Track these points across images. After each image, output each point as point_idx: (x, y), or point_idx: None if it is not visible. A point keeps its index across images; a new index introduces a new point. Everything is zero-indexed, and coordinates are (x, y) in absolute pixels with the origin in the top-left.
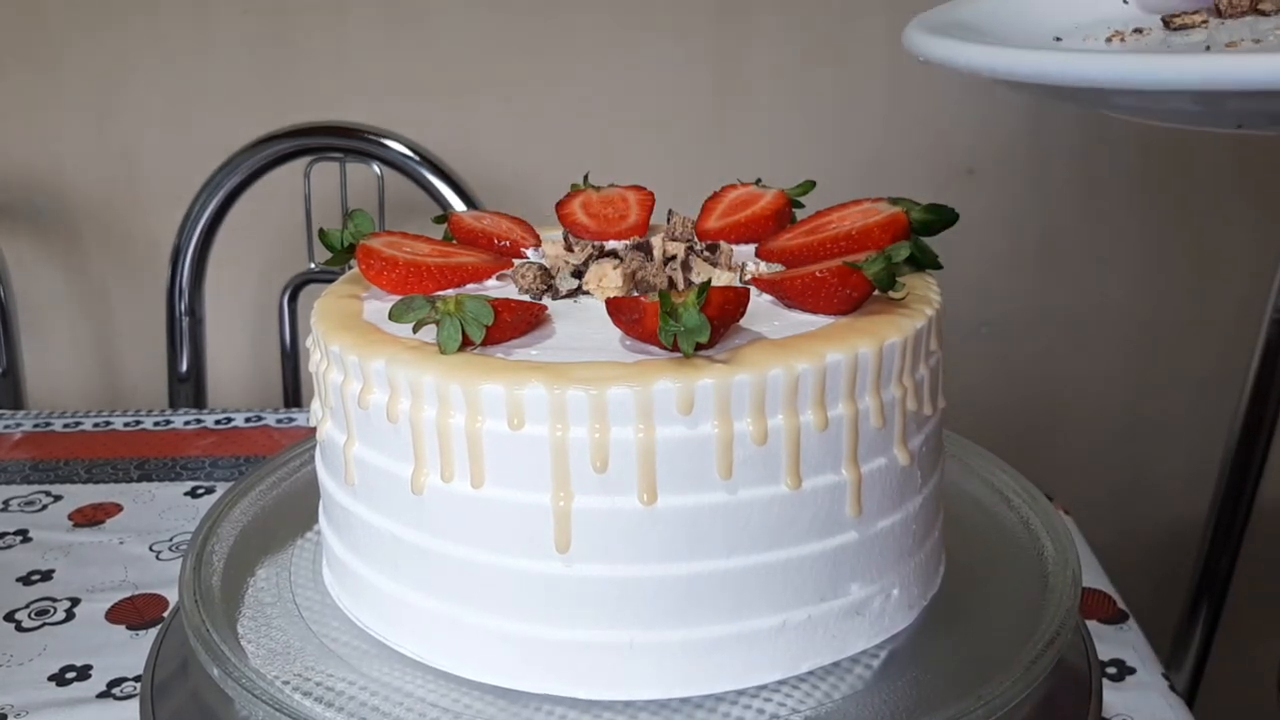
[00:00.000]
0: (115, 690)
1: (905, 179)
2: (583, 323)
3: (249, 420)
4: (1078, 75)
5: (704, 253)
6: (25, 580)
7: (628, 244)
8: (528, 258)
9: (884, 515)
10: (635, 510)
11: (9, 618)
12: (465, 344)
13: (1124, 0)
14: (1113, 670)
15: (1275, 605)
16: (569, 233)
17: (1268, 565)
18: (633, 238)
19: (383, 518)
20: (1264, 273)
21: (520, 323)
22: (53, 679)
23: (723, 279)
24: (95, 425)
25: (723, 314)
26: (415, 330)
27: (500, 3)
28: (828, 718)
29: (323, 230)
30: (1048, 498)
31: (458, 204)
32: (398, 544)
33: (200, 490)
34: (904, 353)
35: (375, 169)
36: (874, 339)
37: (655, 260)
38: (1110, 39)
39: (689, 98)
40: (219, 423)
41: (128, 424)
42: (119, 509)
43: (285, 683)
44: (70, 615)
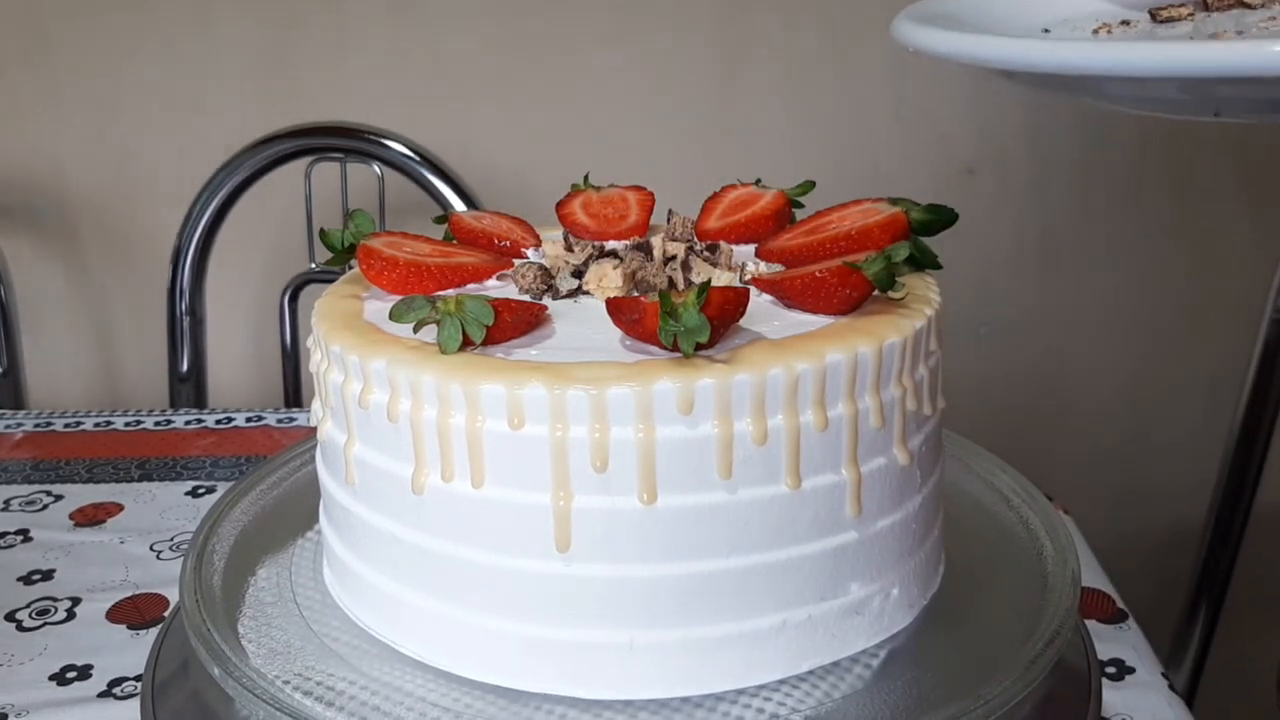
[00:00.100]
0: (116, 690)
1: (905, 179)
2: (583, 323)
3: (250, 420)
4: (1060, 63)
5: (704, 253)
6: (26, 580)
7: (628, 244)
8: (528, 258)
9: (884, 515)
10: (635, 510)
11: (10, 617)
12: (466, 344)
13: None
14: (1112, 670)
15: (1275, 605)
16: (569, 233)
17: (1267, 565)
18: (633, 238)
19: (383, 517)
20: (1263, 273)
21: (520, 323)
22: (53, 678)
23: (723, 279)
24: (96, 425)
25: (723, 314)
26: (416, 330)
27: (500, 3)
28: (828, 717)
29: (323, 230)
30: (1047, 498)
31: (458, 204)
32: (398, 544)
33: (201, 490)
34: (904, 353)
35: (376, 169)
36: (874, 339)
37: (655, 260)
38: (1097, 30)
39: (689, 98)
40: (220, 422)
41: (128, 424)
42: (120, 509)
43: (286, 682)
44: (71, 615)
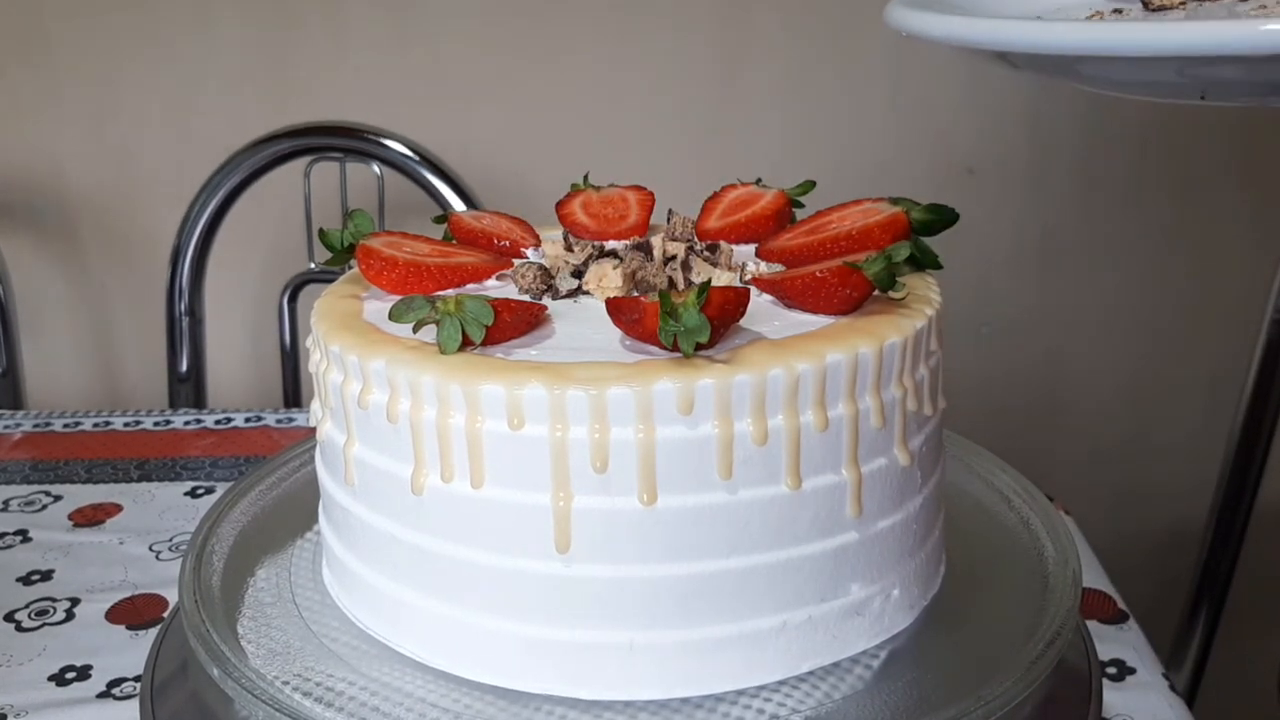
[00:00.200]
0: (115, 690)
1: (905, 179)
2: (583, 323)
3: (249, 420)
4: (1055, 43)
5: (704, 253)
6: (25, 580)
7: (628, 244)
8: (528, 258)
9: (884, 515)
10: (635, 510)
11: (9, 618)
12: (465, 344)
13: None
14: (1113, 670)
15: (1276, 605)
16: (569, 233)
17: (1268, 565)
18: (633, 238)
19: (382, 518)
20: (1263, 273)
21: (520, 323)
22: (52, 679)
23: (723, 279)
24: (95, 425)
25: (723, 314)
26: (415, 330)
27: (501, 3)
28: (828, 718)
29: (323, 230)
30: (1048, 498)
31: (458, 204)
32: (397, 544)
33: (200, 490)
34: (904, 353)
35: (375, 169)
36: (874, 339)
37: (655, 260)
38: (1090, 17)
39: (689, 97)
40: (219, 423)
41: (127, 424)
42: (119, 509)
43: (285, 683)
44: (70, 615)
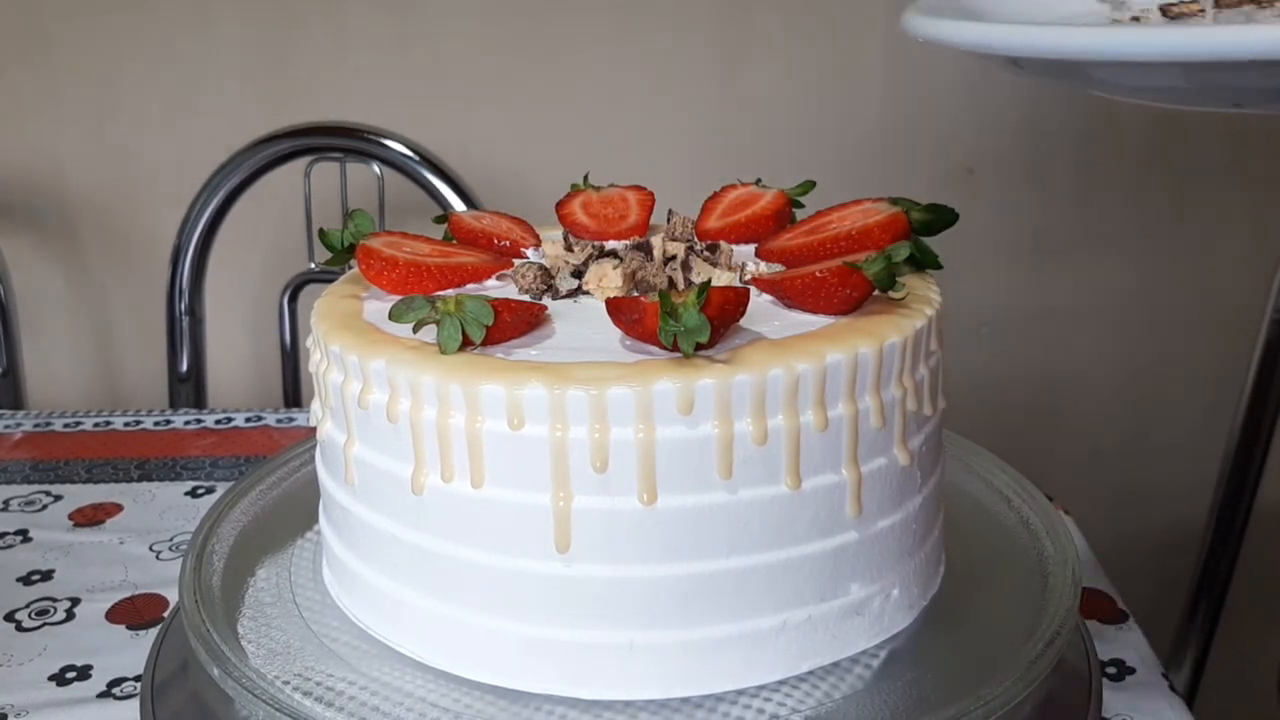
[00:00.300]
0: (115, 690)
1: (905, 179)
2: (583, 323)
3: (249, 420)
4: (1078, 48)
5: (704, 253)
6: (25, 580)
7: (628, 244)
8: (528, 258)
9: (884, 515)
10: (635, 510)
11: (9, 618)
12: (465, 344)
13: None
14: (1113, 670)
15: (1275, 605)
16: (569, 233)
17: (1268, 565)
18: (633, 238)
19: (383, 518)
20: (1263, 273)
21: (520, 323)
22: (53, 679)
23: (723, 279)
24: (95, 425)
25: (723, 314)
26: (415, 330)
27: (500, 3)
28: (828, 717)
29: (323, 230)
30: (1048, 498)
31: (458, 204)
32: (398, 544)
33: (200, 490)
34: (904, 353)
35: (375, 169)
36: (874, 339)
37: (655, 260)
38: (1114, 24)
39: (689, 97)
40: (219, 423)
41: (128, 424)
42: (119, 509)
43: (285, 682)
44: (70, 615)
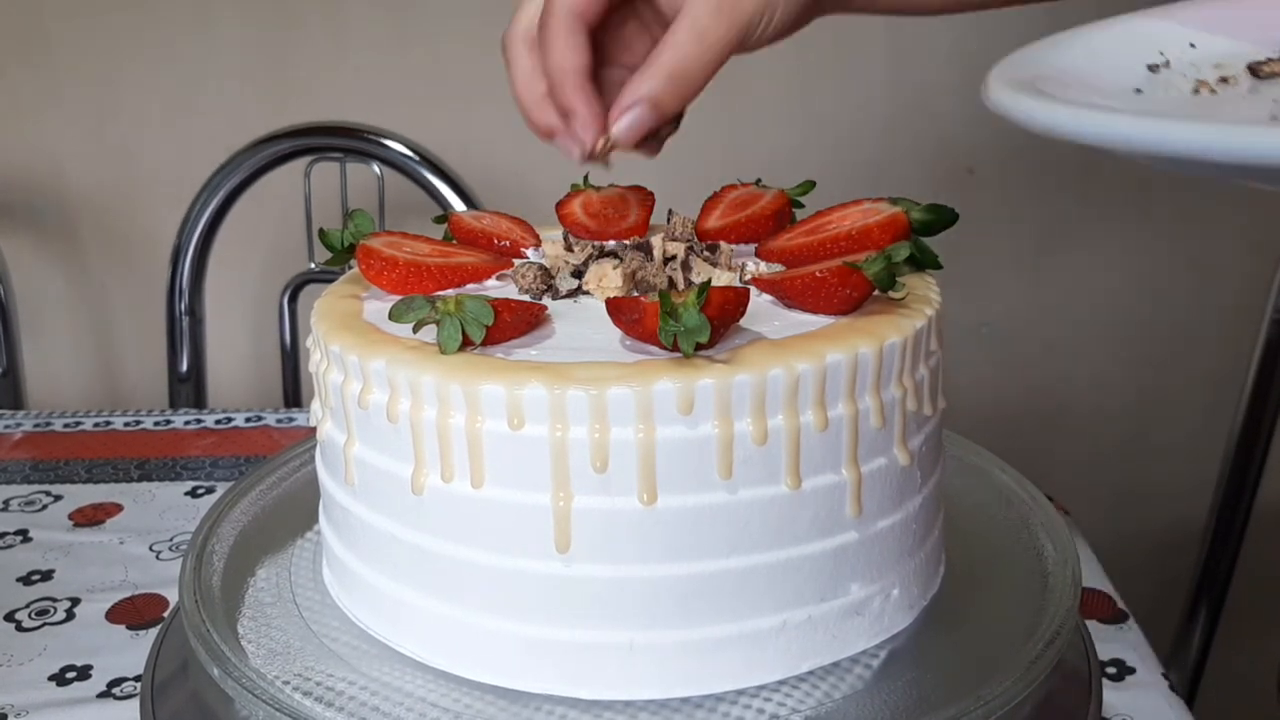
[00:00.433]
0: (115, 690)
1: (905, 179)
2: (583, 323)
3: (249, 420)
4: (1157, 141)
5: (704, 253)
6: (25, 580)
7: (628, 244)
8: (528, 258)
9: (884, 515)
10: (635, 510)
11: (9, 618)
12: (465, 344)
13: (1191, 45)
14: (1113, 670)
15: (1275, 605)
16: (569, 233)
17: (1268, 565)
18: (633, 238)
19: (383, 518)
20: (1263, 273)
21: (520, 323)
22: (53, 679)
23: (723, 279)
24: (95, 425)
25: (723, 314)
26: (415, 330)
27: (501, 3)
28: (828, 717)
29: (323, 230)
30: (1048, 498)
31: (458, 204)
32: (398, 544)
33: (200, 490)
34: (904, 353)
35: (375, 169)
36: (874, 339)
37: (655, 260)
38: (1197, 90)
39: None
40: (219, 423)
41: (128, 424)
42: (119, 509)
43: (285, 682)
44: (70, 615)
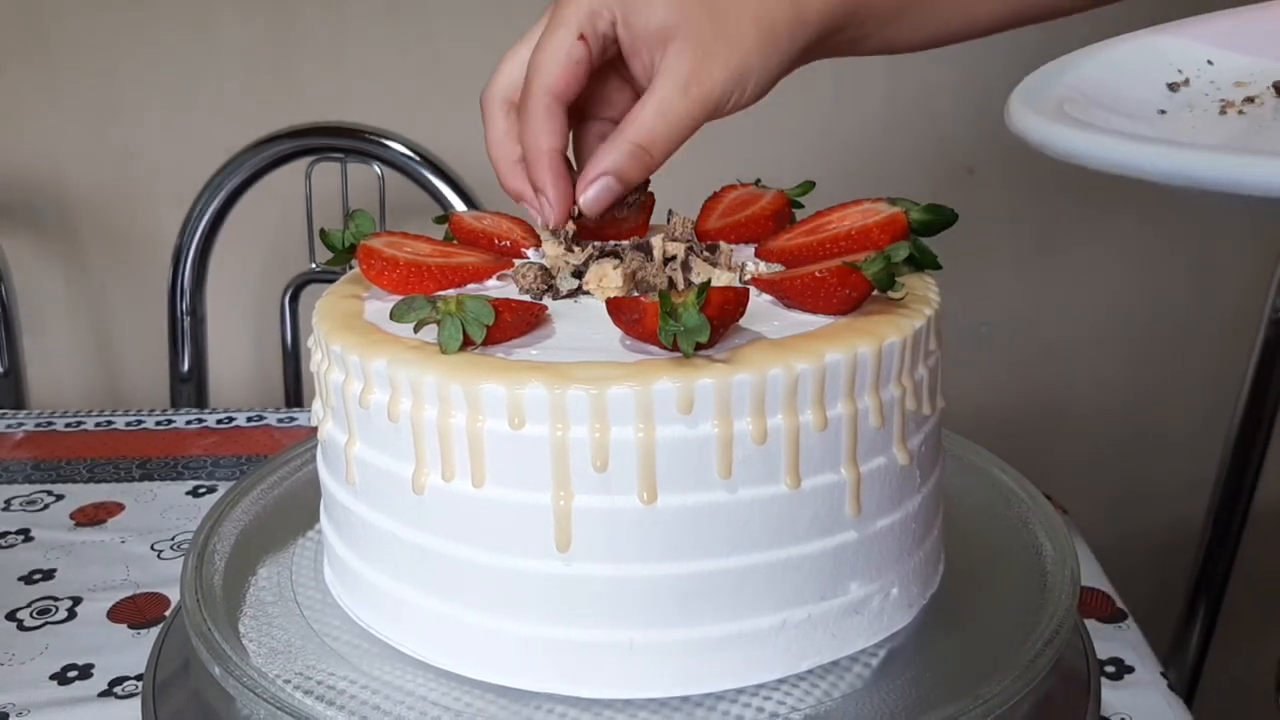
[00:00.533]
0: (117, 689)
1: (905, 179)
2: (583, 323)
3: (250, 420)
4: (1179, 173)
5: (704, 253)
6: (27, 579)
7: (628, 244)
8: (528, 258)
9: (883, 514)
10: (635, 510)
11: (11, 617)
12: (466, 344)
13: (1209, 62)
14: (1111, 669)
15: (1274, 604)
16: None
17: (1266, 565)
18: (633, 238)
19: (384, 517)
20: (1263, 273)
21: (520, 323)
22: (54, 678)
23: (723, 279)
24: (97, 425)
25: (723, 314)
26: (416, 330)
27: (500, 3)
28: (827, 716)
29: (324, 230)
30: (1047, 498)
31: (458, 204)
32: (398, 543)
33: (202, 489)
34: (903, 352)
35: (376, 169)
36: (873, 339)
37: (655, 260)
38: (1224, 110)
39: None
40: (220, 422)
41: (129, 423)
42: (121, 508)
43: (287, 681)
44: (72, 614)
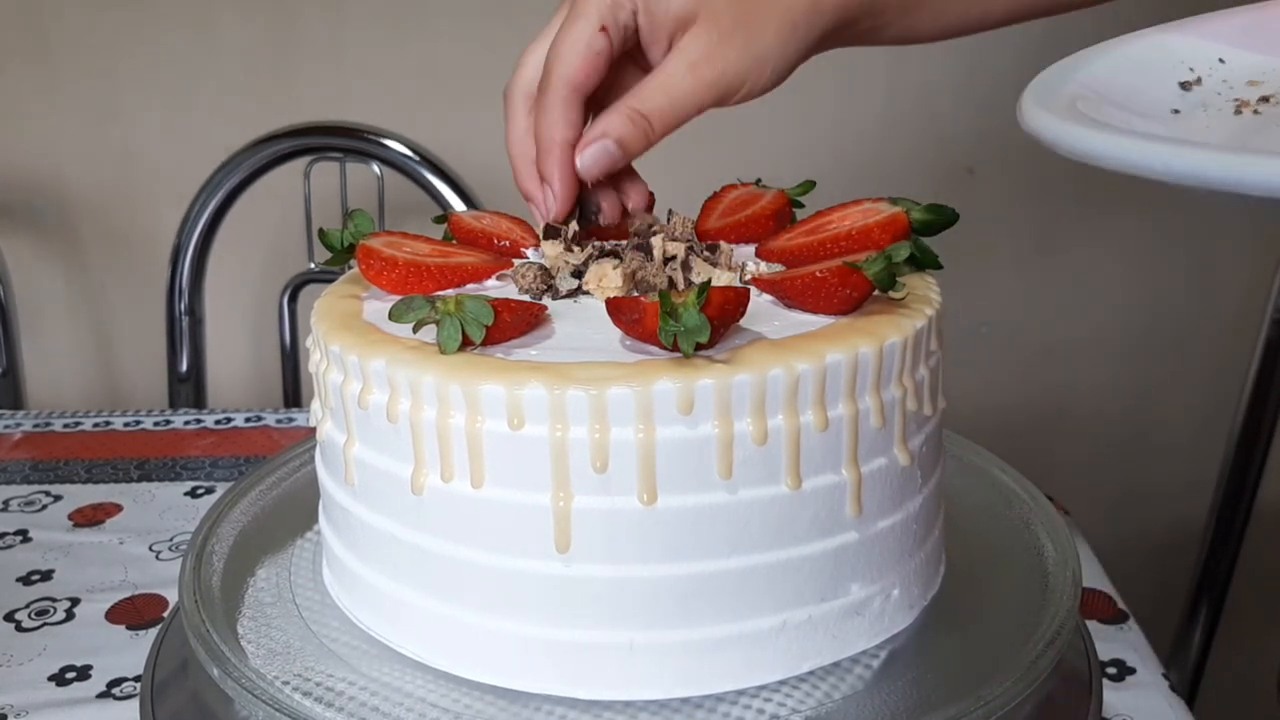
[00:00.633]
0: (115, 690)
1: (905, 179)
2: (583, 323)
3: (249, 420)
4: (1194, 175)
5: (704, 253)
6: (25, 580)
7: (628, 244)
8: (528, 258)
9: (884, 515)
10: (635, 510)
11: (9, 618)
12: (465, 344)
13: (1220, 60)
14: (1113, 670)
15: (1275, 605)
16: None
17: (1268, 565)
18: (633, 238)
19: (382, 518)
20: (1263, 273)
21: (520, 323)
22: (52, 679)
23: (723, 279)
24: (95, 425)
25: (723, 314)
26: (415, 330)
27: (500, 3)
28: (828, 718)
29: (323, 230)
30: (1048, 498)
31: (458, 204)
32: (397, 544)
33: (200, 490)
34: (904, 353)
35: (375, 169)
36: (874, 339)
37: (655, 260)
38: (1239, 110)
39: None
40: (219, 423)
41: (128, 424)
42: (119, 509)
43: (285, 683)
44: (70, 615)
